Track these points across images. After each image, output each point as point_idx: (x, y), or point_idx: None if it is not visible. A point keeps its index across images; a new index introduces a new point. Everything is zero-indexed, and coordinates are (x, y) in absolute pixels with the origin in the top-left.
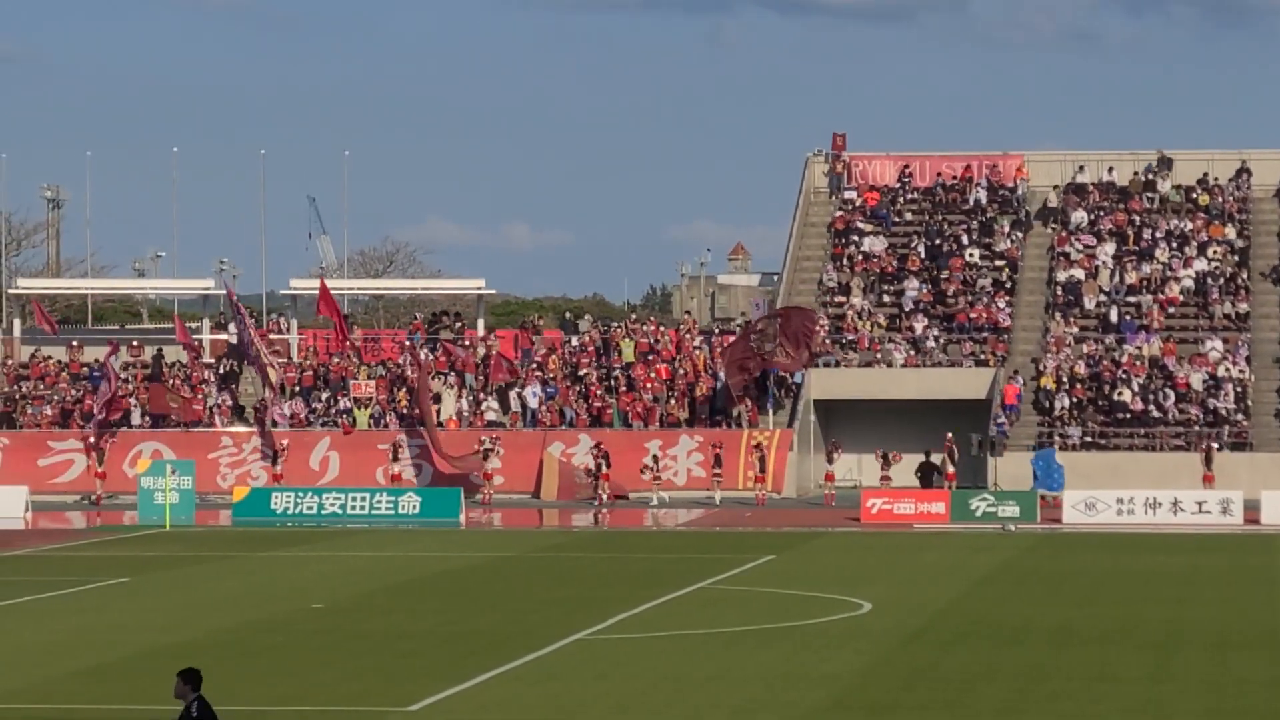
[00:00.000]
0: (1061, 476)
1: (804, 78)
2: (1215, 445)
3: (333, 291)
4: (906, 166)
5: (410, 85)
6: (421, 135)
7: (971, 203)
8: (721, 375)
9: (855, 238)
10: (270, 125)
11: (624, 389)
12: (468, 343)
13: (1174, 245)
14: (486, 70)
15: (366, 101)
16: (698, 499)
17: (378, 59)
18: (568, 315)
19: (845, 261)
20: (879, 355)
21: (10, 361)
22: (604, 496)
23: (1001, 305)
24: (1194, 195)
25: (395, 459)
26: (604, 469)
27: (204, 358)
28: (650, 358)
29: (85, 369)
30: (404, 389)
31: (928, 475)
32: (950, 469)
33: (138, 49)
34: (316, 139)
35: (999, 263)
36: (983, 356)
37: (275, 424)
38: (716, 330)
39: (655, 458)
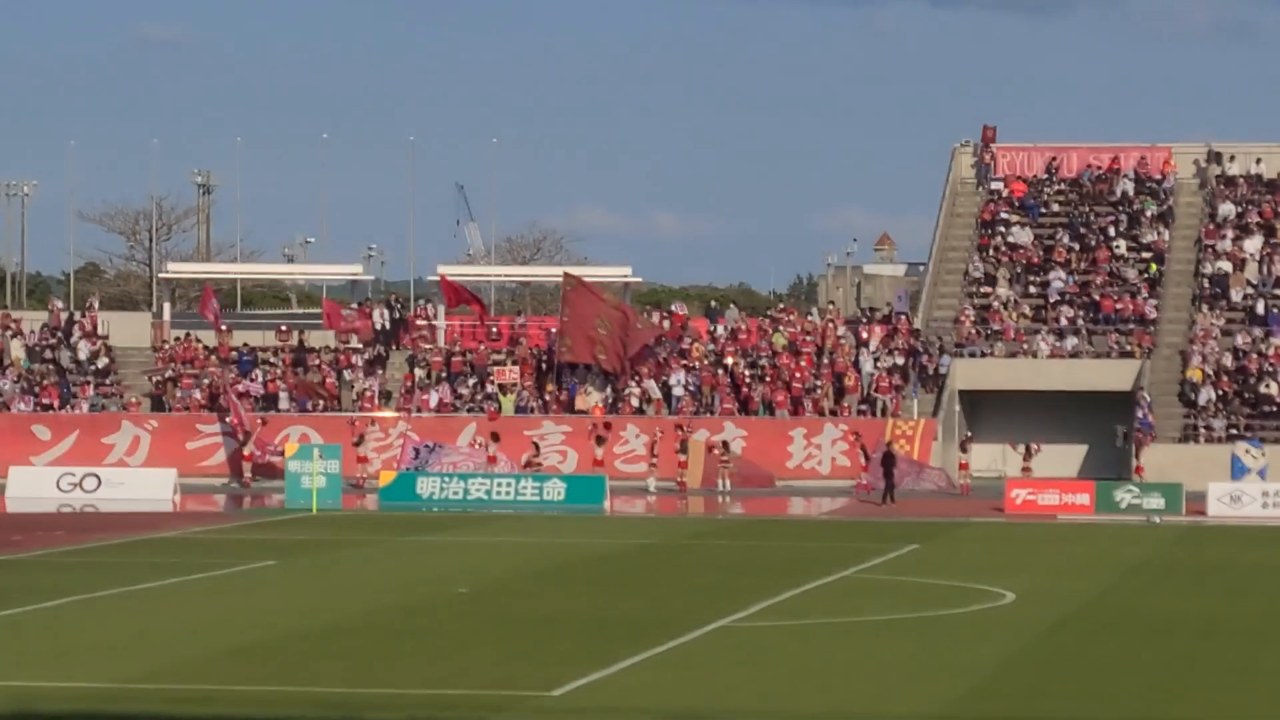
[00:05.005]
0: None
1: (955, 68)
2: None
3: (480, 278)
4: (1054, 158)
5: (559, 73)
6: (570, 123)
7: (1119, 194)
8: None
9: (1002, 228)
10: (420, 112)
11: (769, 378)
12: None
13: None
14: (636, 58)
15: (516, 89)
16: (843, 488)
17: (527, 46)
18: (713, 304)
19: (991, 252)
20: (1024, 346)
21: (163, 345)
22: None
23: (1147, 297)
24: None
25: (537, 451)
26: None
27: (353, 341)
28: (797, 347)
29: (234, 353)
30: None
31: (889, 466)
32: (1138, 463)
33: (289, 35)
34: (465, 126)
35: (1145, 254)
36: (1128, 348)
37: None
38: (863, 319)
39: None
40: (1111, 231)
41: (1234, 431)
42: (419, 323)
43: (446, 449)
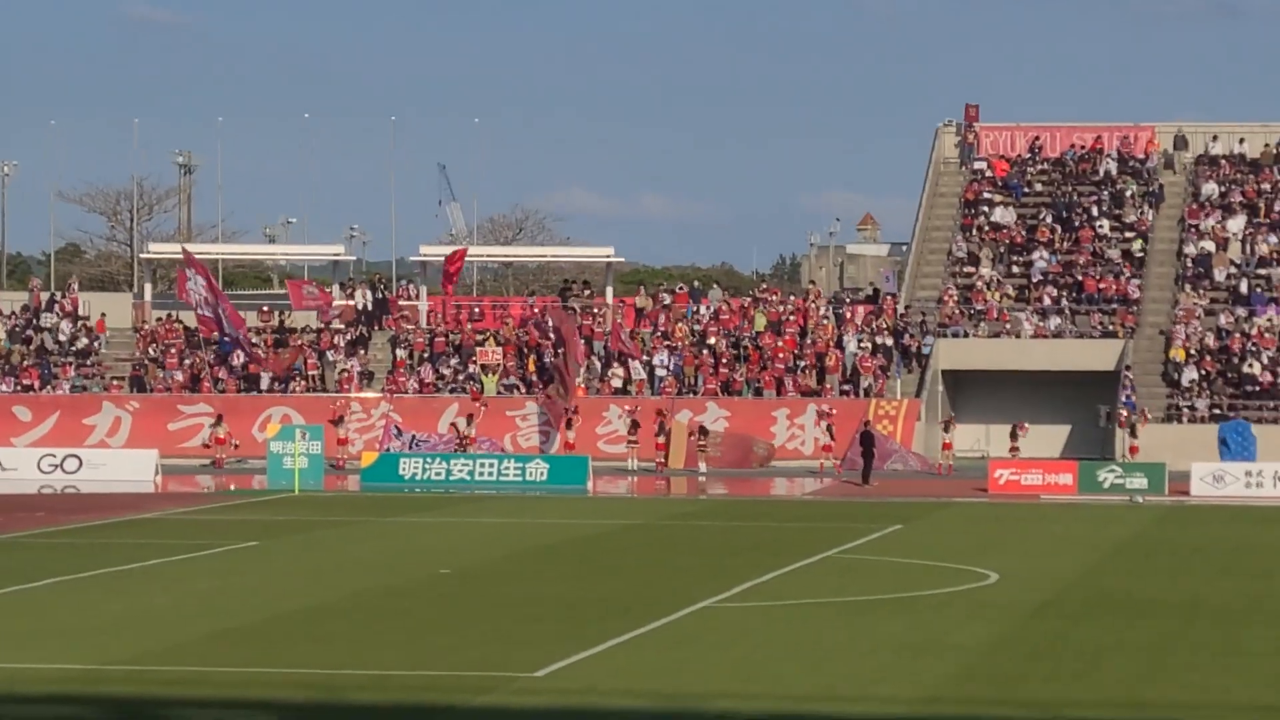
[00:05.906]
0: (1254, 448)
1: (938, 48)
2: None
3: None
4: (1037, 137)
5: (541, 52)
6: (552, 102)
7: (1102, 174)
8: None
9: (985, 208)
10: (401, 91)
11: (752, 358)
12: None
13: None
14: (619, 38)
15: (498, 68)
16: (826, 469)
17: (510, 25)
18: (696, 284)
19: (975, 232)
20: (1008, 326)
21: (143, 326)
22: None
23: (1130, 277)
24: None
25: (468, 423)
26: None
27: (334, 323)
28: (780, 326)
29: (215, 334)
30: (535, 356)
31: (868, 445)
32: (1133, 443)
33: (270, 15)
34: (447, 105)
35: (1129, 234)
36: (1111, 328)
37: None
38: (847, 300)
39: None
40: (1095, 211)
41: (1216, 411)
42: (401, 303)
43: (430, 442)
